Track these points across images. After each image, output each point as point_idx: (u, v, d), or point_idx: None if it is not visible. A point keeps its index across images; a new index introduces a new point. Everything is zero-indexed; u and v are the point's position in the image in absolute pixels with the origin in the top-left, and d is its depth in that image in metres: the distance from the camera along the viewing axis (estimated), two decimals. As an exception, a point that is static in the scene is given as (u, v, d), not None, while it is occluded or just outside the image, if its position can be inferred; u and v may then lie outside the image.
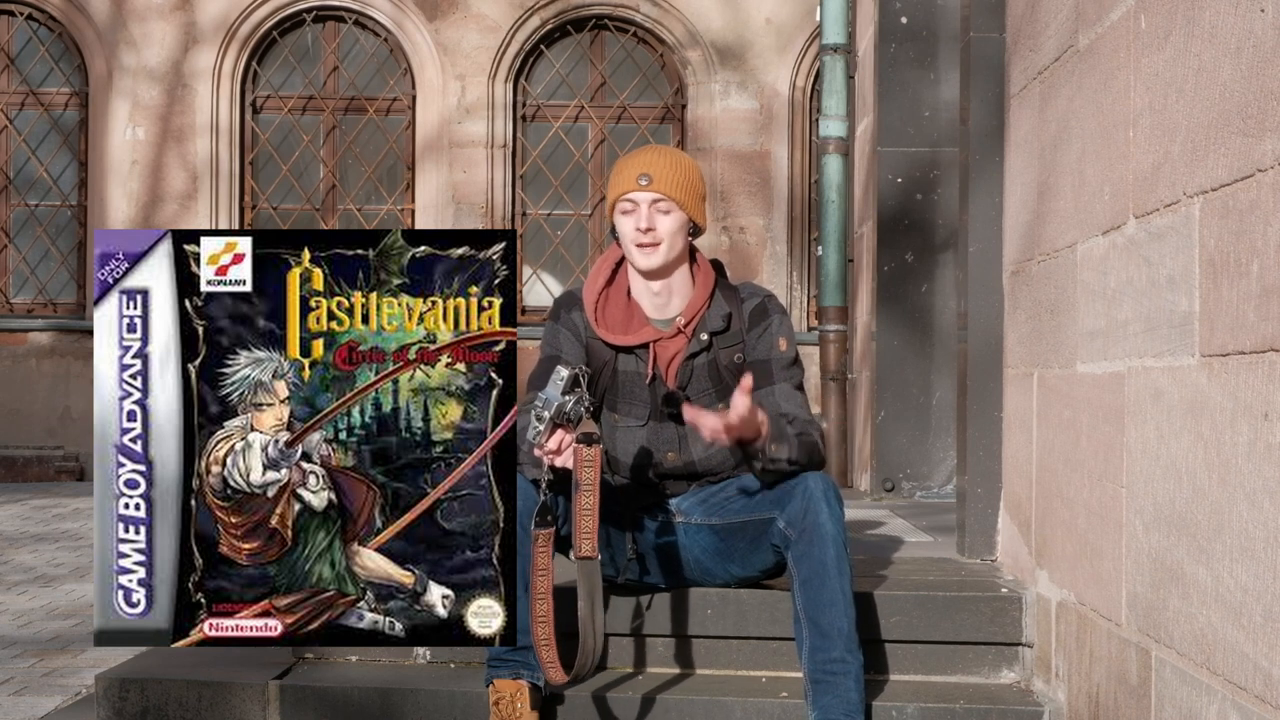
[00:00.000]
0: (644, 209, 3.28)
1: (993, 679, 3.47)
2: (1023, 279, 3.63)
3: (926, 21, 6.01)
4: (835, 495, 3.17)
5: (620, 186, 3.32)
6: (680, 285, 3.36)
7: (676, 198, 3.29)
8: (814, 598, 3.10)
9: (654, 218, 3.28)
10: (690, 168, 3.35)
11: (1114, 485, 2.87)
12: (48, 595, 5.73)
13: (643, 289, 3.36)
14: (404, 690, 3.41)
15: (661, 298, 3.35)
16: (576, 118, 11.12)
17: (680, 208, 3.30)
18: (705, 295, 3.36)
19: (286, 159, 11.14)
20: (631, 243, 3.30)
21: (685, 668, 3.49)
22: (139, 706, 3.53)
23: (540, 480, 3.10)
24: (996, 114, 3.83)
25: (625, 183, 3.31)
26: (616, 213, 3.33)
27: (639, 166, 3.31)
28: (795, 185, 10.99)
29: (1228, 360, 2.28)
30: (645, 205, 3.28)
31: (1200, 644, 2.40)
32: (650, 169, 3.29)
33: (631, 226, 3.29)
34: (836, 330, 7.22)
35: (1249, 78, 2.19)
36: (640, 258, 3.30)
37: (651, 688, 3.35)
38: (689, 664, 3.50)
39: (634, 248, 3.30)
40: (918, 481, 5.96)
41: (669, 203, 3.28)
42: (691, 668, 3.50)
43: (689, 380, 3.35)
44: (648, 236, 3.27)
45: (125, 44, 10.96)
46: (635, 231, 3.28)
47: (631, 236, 3.29)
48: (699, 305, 3.35)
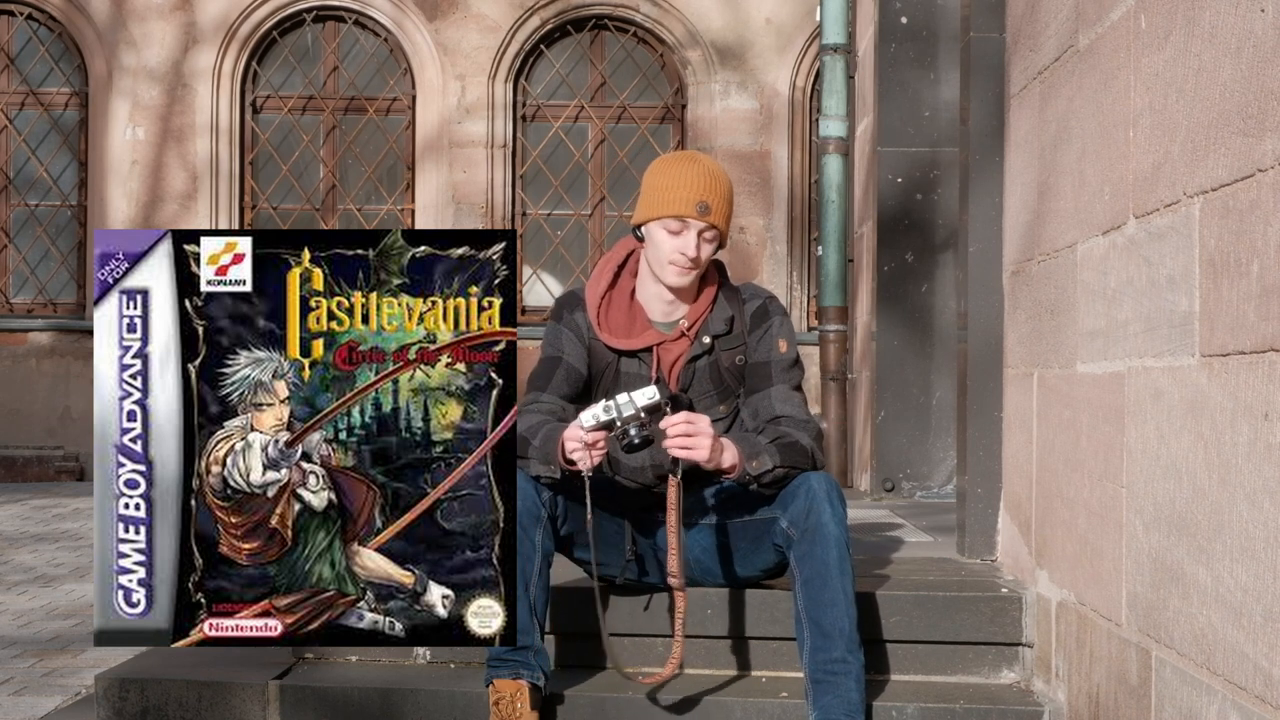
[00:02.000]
0: (693, 236, 3.24)
1: (993, 679, 3.47)
2: (1023, 279, 3.63)
3: (926, 21, 6.01)
4: (838, 495, 3.17)
5: (675, 206, 3.24)
6: (687, 290, 3.35)
7: (724, 229, 3.29)
8: (816, 597, 3.10)
9: (701, 246, 3.26)
10: (731, 190, 3.32)
11: (1114, 485, 2.87)
12: (48, 595, 5.73)
13: (651, 295, 3.35)
14: (404, 690, 3.41)
15: (668, 302, 3.35)
16: (576, 118, 11.12)
17: (722, 234, 3.30)
18: (709, 299, 3.36)
19: (286, 159, 11.14)
20: (669, 261, 3.26)
21: (685, 668, 3.49)
22: (139, 706, 3.53)
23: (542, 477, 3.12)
24: (996, 114, 3.83)
25: (682, 205, 3.24)
26: (658, 225, 3.27)
27: (699, 192, 3.24)
28: (795, 185, 10.99)
29: (1228, 360, 2.28)
30: (695, 233, 3.25)
31: (1200, 644, 2.40)
32: (708, 197, 3.24)
33: (675, 248, 3.25)
34: (836, 330, 7.22)
35: (1249, 78, 2.19)
36: (674, 276, 3.27)
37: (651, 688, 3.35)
38: (689, 664, 3.49)
39: (669, 265, 3.26)
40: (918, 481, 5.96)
41: (716, 232, 3.27)
42: (692, 668, 3.49)
43: (691, 383, 3.34)
44: (691, 263, 3.26)
45: (125, 44, 10.96)
46: (679, 254, 3.25)
47: (671, 257, 3.25)
48: (703, 308, 3.35)
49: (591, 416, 3.05)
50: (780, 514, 3.19)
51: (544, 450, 3.16)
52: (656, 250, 3.28)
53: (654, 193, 3.29)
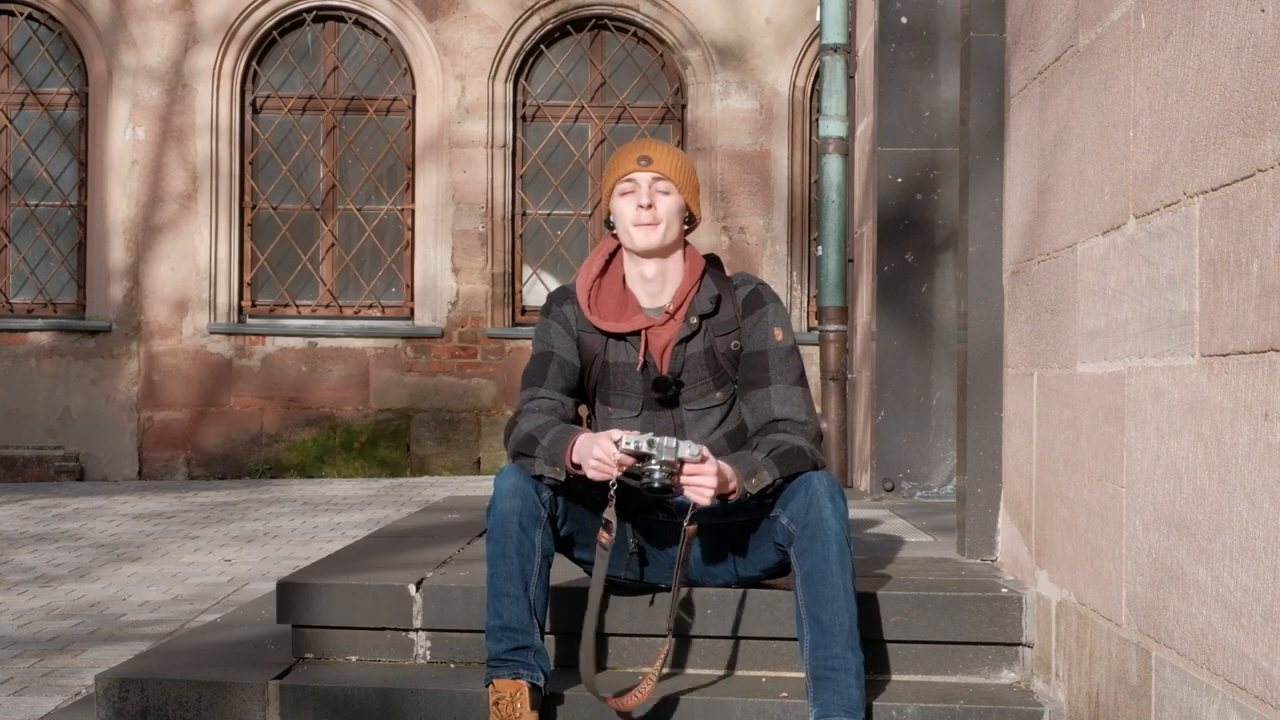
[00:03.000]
0: (644, 187, 3.34)
1: (993, 679, 3.47)
2: (1023, 279, 3.63)
3: (926, 21, 6.01)
4: (839, 492, 3.17)
5: (620, 169, 3.37)
6: (674, 274, 3.39)
7: (675, 180, 3.36)
8: (816, 594, 3.10)
9: (654, 195, 3.34)
10: (685, 157, 3.44)
11: (1114, 485, 2.87)
12: (48, 595, 5.72)
13: (638, 276, 3.38)
14: (404, 690, 3.41)
15: (655, 284, 3.37)
16: (576, 118, 11.12)
17: (679, 191, 3.36)
18: (694, 280, 3.39)
19: (286, 159, 11.14)
20: (631, 223, 3.34)
21: (685, 668, 3.49)
22: (139, 706, 3.53)
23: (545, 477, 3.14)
24: (996, 114, 3.84)
25: (625, 164, 3.37)
26: (615, 195, 3.38)
27: (638, 150, 3.39)
28: (795, 185, 10.99)
29: (1228, 360, 2.28)
30: (645, 184, 3.34)
31: (1200, 644, 2.40)
32: (649, 151, 3.37)
33: (632, 205, 3.34)
34: (836, 330, 7.22)
35: (1249, 78, 2.19)
36: (640, 236, 3.33)
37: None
38: (689, 664, 3.50)
39: (633, 228, 3.34)
40: (918, 481, 5.96)
41: (668, 183, 3.35)
42: (692, 668, 3.50)
43: (682, 368, 3.36)
44: (649, 215, 3.32)
45: (125, 44, 10.96)
46: (636, 210, 3.33)
47: (631, 216, 3.34)
48: (687, 289, 3.38)
49: (632, 442, 3.06)
50: (780, 511, 3.19)
51: (552, 451, 3.17)
52: (621, 220, 3.37)
53: (606, 176, 3.44)
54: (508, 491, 3.19)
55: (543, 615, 3.23)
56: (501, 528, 3.18)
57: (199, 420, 10.85)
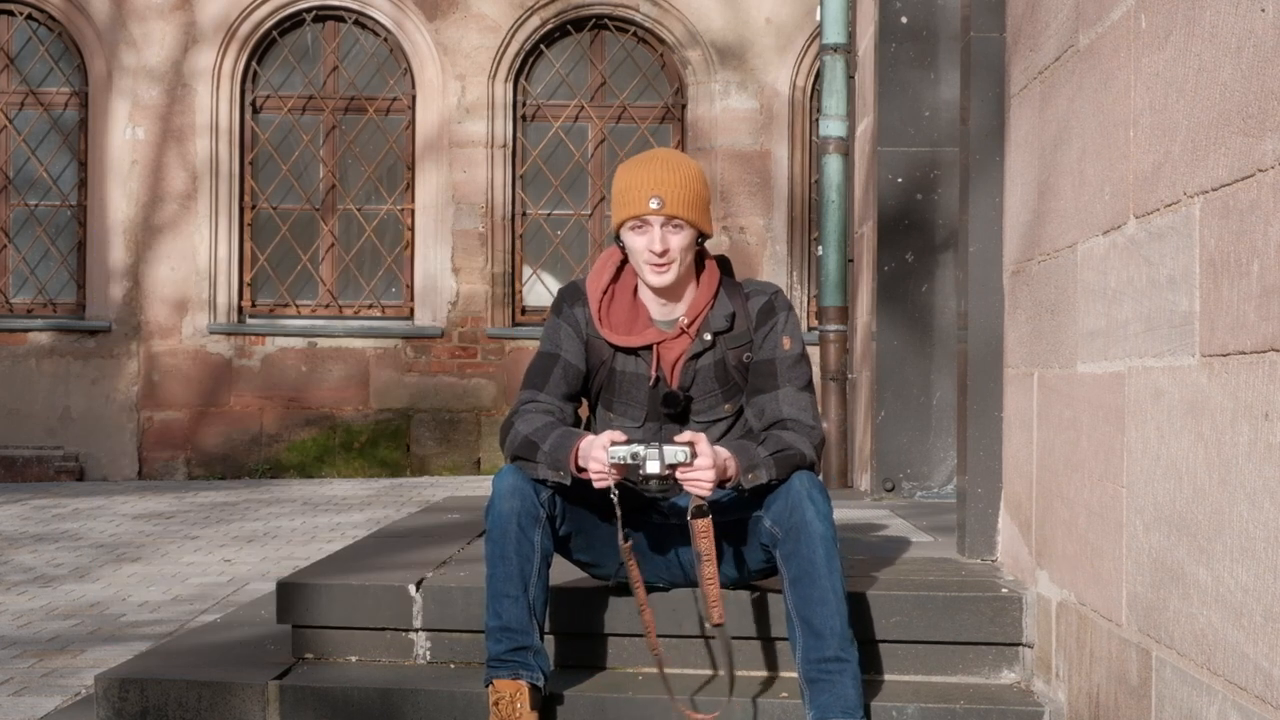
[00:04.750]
0: (656, 230, 3.23)
1: (993, 679, 3.47)
2: (1023, 279, 3.63)
3: (926, 21, 6.00)
4: (820, 492, 3.15)
5: (630, 208, 3.25)
6: (687, 287, 3.34)
7: (688, 217, 3.24)
8: (804, 596, 3.09)
9: (667, 239, 3.24)
10: (696, 179, 3.28)
11: (1114, 485, 2.87)
12: (48, 595, 5.72)
13: (649, 293, 3.35)
14: (404, 690, 3.40)
15: (668, 296, 3.33)
16: (576, 118, 11.12)
17: (690, 225, 3.26)
18: (709, 295, 3.34)
19: (286, 159, 11.14)
20: (644, 261, 3.26)
21: (685, 668, 3.49)
22: (139, 706, 3.53)
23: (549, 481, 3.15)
24: (996, 114, 3.83)
25: (636, 204, 3.24)
26: (626, 229, 3.28)
27: (650, 186, 3.24)
28: (795, 185, 10.98)
29: (1228, 360, 2.28)
30: (658, 227, 3.24)
31: (1200, 644, 2.40)
32: (661, 190, 3.23)
33: (644, 245, 3.25)
34: (836, 330, 7.21)
35: (1249, 77, 2.19)
36: (653, 276, 3.26)
37: (651, 688, 3.35)
38: (688, 664, 3.49)
39: (646, 266, 3.26)
40: (918, 481, 5.96)
41: (680, 222, 3.25)
42: (692, 668, 3.49)
43: (692, 381, 3.33)
44: (662, 258, 3.24)
45: (125, 44, 10.96)
46: (649, 252, 3.24)
47: (644, 256, 3.25)
48: (702, 305, 3.33)
49: (617, 455, 3.06)
50: (764, 513, 3.18)
51: (554, 456, 3.15)
52: (634, 254, 3.29)
53: (615, 199, 3.31)
54: (506, 491, 3.19)
55: (542, 615, 3.23)
56: (500, 528, 3.18)
57: (199, 420, 10.85)
